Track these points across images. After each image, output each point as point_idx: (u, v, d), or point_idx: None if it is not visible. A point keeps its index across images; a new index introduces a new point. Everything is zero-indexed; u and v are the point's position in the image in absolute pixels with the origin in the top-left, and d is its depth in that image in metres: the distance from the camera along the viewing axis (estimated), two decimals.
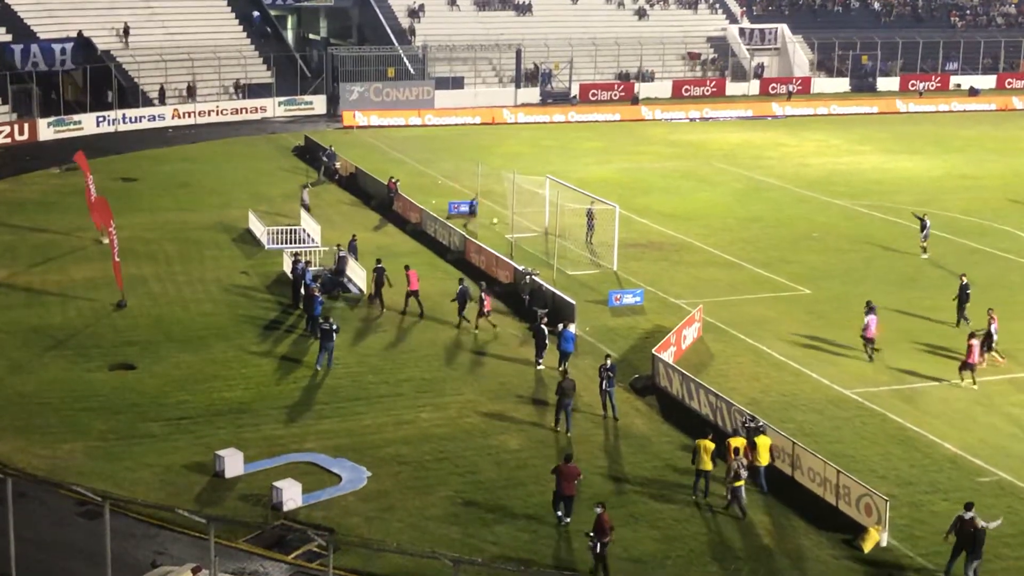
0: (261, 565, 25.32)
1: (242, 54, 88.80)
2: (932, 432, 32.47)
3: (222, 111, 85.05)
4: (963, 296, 41.14)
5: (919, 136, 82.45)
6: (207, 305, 42.97)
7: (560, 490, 27.30)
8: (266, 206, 57.47)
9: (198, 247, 50.74)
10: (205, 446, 30.88)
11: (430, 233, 52.80)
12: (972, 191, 64.23)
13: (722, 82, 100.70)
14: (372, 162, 67.27)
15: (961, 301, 41.12)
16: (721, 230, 54.88)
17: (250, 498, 28.26)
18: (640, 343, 39.15)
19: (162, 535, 26.50)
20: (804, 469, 28.88)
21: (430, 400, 34.35)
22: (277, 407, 33.80)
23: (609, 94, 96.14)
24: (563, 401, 32.26)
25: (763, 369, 37.29)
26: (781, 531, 27.29)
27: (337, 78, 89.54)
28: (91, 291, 43.97)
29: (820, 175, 67.97)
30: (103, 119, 79.54)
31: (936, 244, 52.08)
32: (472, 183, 58.52)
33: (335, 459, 30.39)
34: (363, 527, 27.03)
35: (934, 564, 25.80)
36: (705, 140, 79.85)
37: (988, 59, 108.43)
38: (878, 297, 41.07)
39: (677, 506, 28.30)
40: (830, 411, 34.04)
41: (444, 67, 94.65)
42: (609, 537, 24.98)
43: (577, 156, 72.60)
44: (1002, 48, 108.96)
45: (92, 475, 29.05)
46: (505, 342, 39.40)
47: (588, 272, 47.09)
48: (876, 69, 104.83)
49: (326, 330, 36.27)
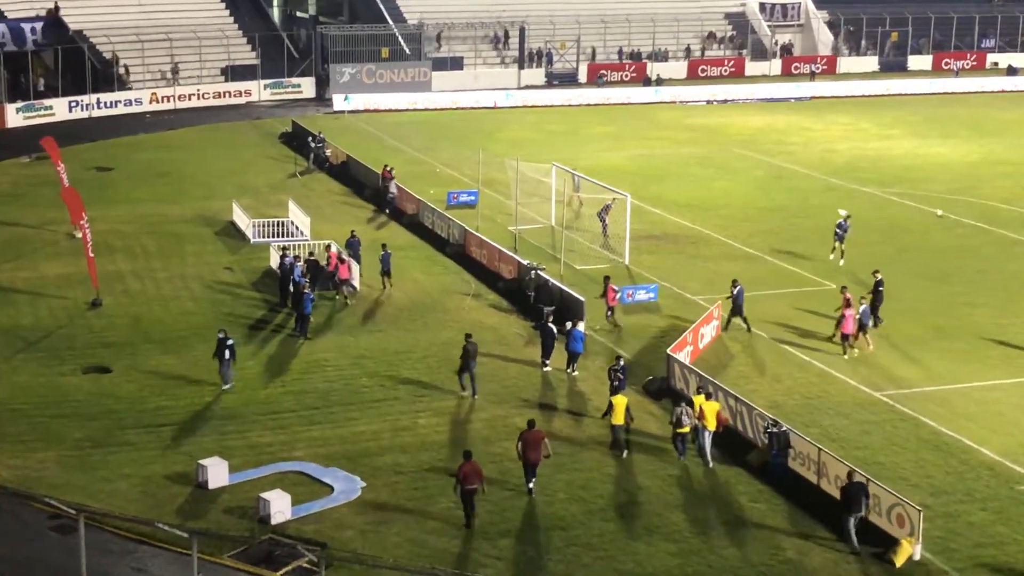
0: None
1: (225, 34, 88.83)
2: (968, 437, 32.47)
3: (204, 95, 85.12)
4: (876, 295, 40.65)
5: (953, 119, 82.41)
6: (188, 303, 43.02)
7: (527, 458, 28.80)
8: (251, 197, 57.53)
9: (178, 241, 50.79)
10: (187, 455, 30.91)
11: (427, 225, 52.86)
12: (1012, 178, 64.18)
13: (741, 61, 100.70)
14: (365, 149, 67.31)
15: (875, 300, 40.54)
16: (741, 221, 54.88)
17: (235, 510, 28.28)
18: (654, 342, 39.17)
19: (141, 551, 26.51)
20: (831, 477, 28.88)
21: (428, 404, 34.38)
22: (264, 413, 33.83)
23: (620, 75, 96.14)
24: (468, 364, 34.46)
25: (786, 370, 37.31)
26: (807, 544, 27.28)
27: (327, 59, 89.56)
28: (64, 289, 44.03)
29: (847, 161, 67.98)
30: (76, 104, 79.65)
31: (973, 235, 52.09)
32: (473, 171, 58.59)
33: (327, 468, 30.41)
34: (357, 541, 27.05)
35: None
36: (723, 124, 79.85)
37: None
38: (911, 293, 41.12)
39: (693, 518, 28.32)
40: (858, 415, 34.04)
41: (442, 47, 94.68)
42: (475, 486, 27.28)
43: (586, 142, 72.67)
44: None
45: (66, 487, 29.06)
46: (509, 342, 39.44)
47: (598, 267, 47.12)
48: (907, 47, 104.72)
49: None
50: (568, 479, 30.09)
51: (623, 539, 27.31)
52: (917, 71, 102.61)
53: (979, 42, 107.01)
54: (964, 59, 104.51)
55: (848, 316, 38.16)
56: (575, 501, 29.01)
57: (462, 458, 27.93)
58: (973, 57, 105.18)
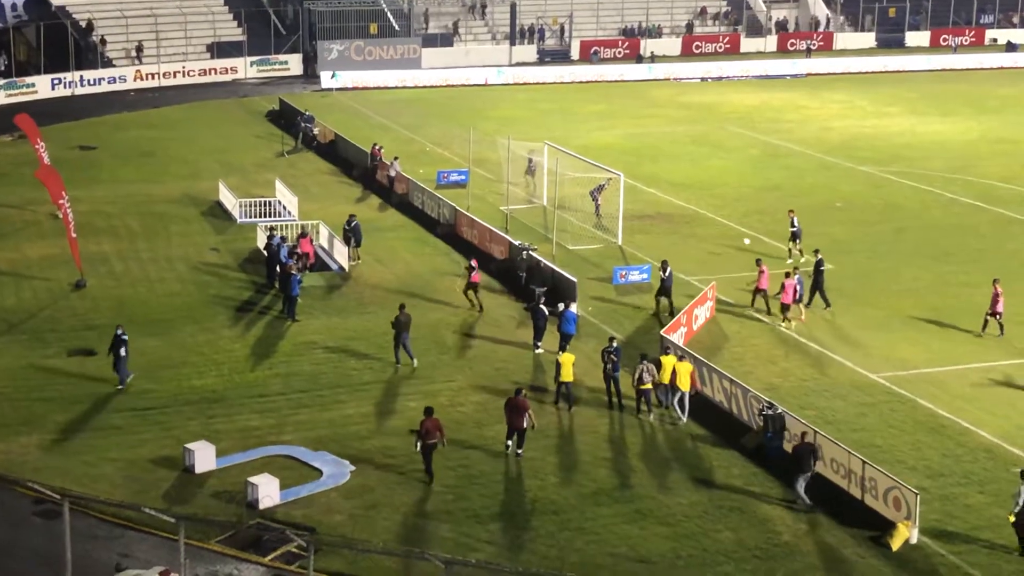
0: (236, 568, 25.37)
1: (210, 9, 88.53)
2: (966, 419, 32.55)
3: (189, 72, 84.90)
4: (818, 276, 40.67)
5: (952, 96, 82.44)
6: (174, 285, 42.97)
7: (511, 423, 30.11)
8: (238, 176, 57.43)
9: (164, 222, 50.70)
10: (174, 439, 30.90)
11: (417, 205, 52.80)
12: (1011, 156, 64.25)
13: (736, 37, 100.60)
14: (354, 128, 67.22)
15: (816, 281, 40.59)
16: (736, 200, 54.89)
17: (223, 495, 28.30)
18: (648, 324, 39.21)
19: (127, 536, 26.53)
20: (827, 460, 28.96)
21: (418, 388, 34.39)
22: (252, 396, 33.84)
23: (613, 51, 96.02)
24: (400, 335, 35.65)
25: (782, 352, 37.37)
26: (801, 528, 27.37)
27: (314, 35, 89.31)
28: (47, 270, 43.95)
29: (844, 139, 67.99)
30: (59, 81, 79.41)
31: (971, 214, 52.16)
32: (463, 150, 58.52)
33: (315, 452, 30.43)
34: (346, 526, 27.08)
35: (968, 562, 25.90)
36: (718, 102, 79.82)
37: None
38: (909, 272, 41.18)
39: (688, 501, 28.39)
40: (854, 397, 34.12)
41: (432, 23, 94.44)
42: (435, 440, 28.71)
43: (579, 120, 72.58)
44: None
45: (50, 471, 29.05)
46: (500, 324, 39.45)
47: (591, 247, 47.12)
48: (904, 23, 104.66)
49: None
50: (560, 462, 30.15)
51: (616, 523, 27.35)
52: (915, 47, 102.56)
53: (978, 18, 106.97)
54: (962, 35, 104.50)
55: (788, 286, 38.76)
56: (567, 484, 29.07)
57: (423, 414, 29.15)
58: (971, 33, 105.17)
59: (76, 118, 72.08)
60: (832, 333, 38.63)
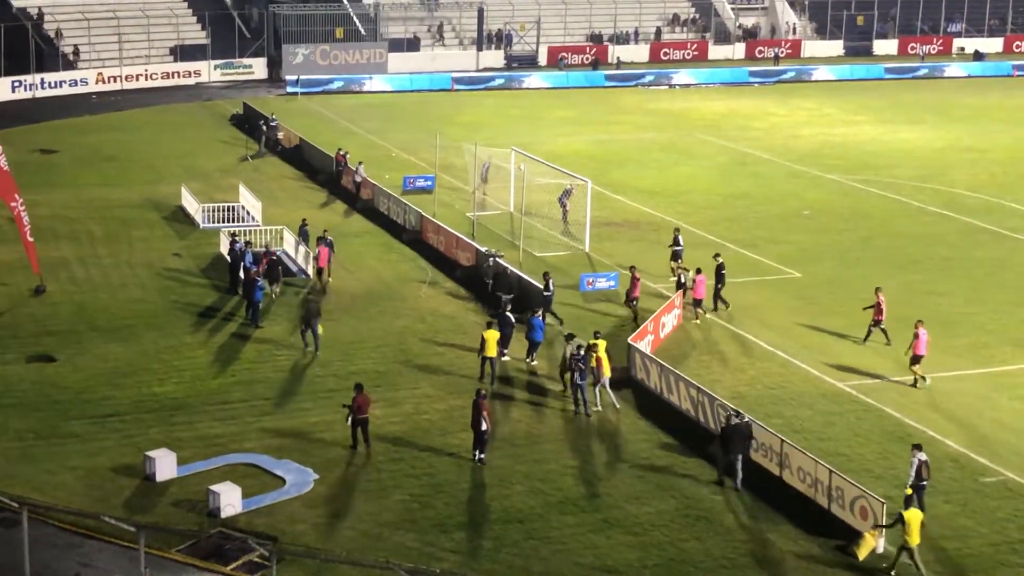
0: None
1: (174, 12, 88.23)
2: (933, 428, 32.76)
3: (152, 75, 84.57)
4: (719, 278, 41.42)
5: (919, 104, 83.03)
6: (136, 291, 42.78)
7: (472, 426, 30.45)
8: (201, 181, 57.23)
9: (125, 226, 50.48)
10: (134, 446, 30.76)
11: (383, 211, 52.75)
12: (978, 165, 64.76)
13: (704, 44, 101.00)
14: (319, 132, 67.10)
15: (717, 284, 41.38)
16: (704, 208, 55.09)
17: (184, 504, 28.20)
18: (615, 331, 39.29)
19: (87, 545, 26.38)
20: (793, 469, 29.09)
21: (383, 395, 34.32)
22: (214, 403, 33.72)
23: (580, 57, 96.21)
24: (311, 322, 36.95)
25: (749, 360, 37.52)
26: (767, 537, 27.49)
27: (279, 39, 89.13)
28: (5, 275, 43.68)
29: (812, 147, 68.34)
30: (19, 84, 78.94)
31: (939, 223, 52.54)
32: (430, 156, 58.51)
33: (279, 460, 30.35)
34: (310, 535, 27.02)
35: (935, 572, 26.06)
36: (686, 109, 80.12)
37: (995, 20, 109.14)
38: (876, 280, 41.34)
39: (655, 510, 28.46)
40: (822, 405, 34.29)
41: (398, 27, 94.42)
42: (366, 415, 30.45)
43: (546, 126, 72.72)
44: (1010, 8, 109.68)
45: (8, 479, 28.85)
46: (465, 331, 39.45)
47: (558, 253, 47.20)
48: (873, 31, 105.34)
49: None
50: (526, 471, 30.17)
51: (582, 532, 27.40)
52: (883, 55, 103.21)
53: (945, 26, 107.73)
54: (930, 43, 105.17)
55: (699, 282, 40.13)
56: (533, 493, 29.09)
57: (354, 391, 30.84)
58: (939, 42, 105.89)
59: (36, 121, 71.66)
60: (799, 342, 38.83)
